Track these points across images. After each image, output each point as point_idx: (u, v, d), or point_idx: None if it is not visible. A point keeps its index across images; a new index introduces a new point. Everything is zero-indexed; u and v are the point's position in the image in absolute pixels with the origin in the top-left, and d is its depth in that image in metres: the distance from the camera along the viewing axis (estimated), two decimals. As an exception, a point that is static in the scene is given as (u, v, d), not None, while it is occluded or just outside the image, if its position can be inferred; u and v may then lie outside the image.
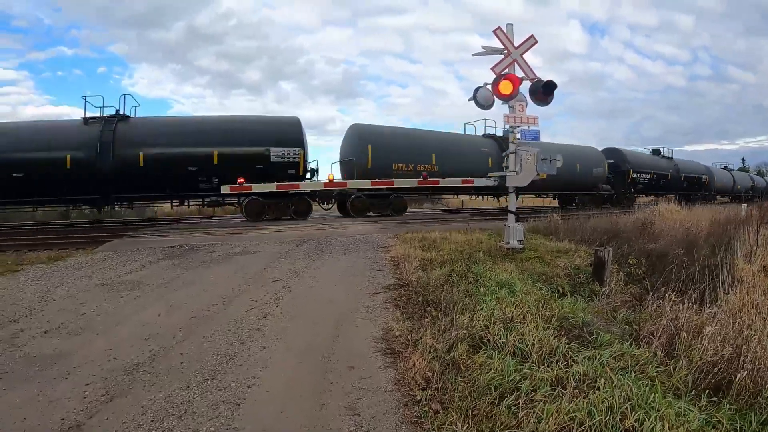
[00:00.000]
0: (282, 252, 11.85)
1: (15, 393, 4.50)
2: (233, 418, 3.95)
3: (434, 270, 8.85)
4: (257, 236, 15.15)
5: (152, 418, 3.97)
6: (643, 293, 7.02)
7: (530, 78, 10.91)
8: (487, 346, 5.12)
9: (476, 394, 4.06)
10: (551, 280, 8.46)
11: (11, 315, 7.01)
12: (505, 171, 11.17)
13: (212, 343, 5.71)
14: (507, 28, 10.89)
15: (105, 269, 10.21)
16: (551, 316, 6.00)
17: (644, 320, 5.87)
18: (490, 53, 11.04)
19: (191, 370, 4.94)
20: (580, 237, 12.97)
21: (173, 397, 4.35)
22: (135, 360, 5.23)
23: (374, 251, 11.78)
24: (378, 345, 5.53)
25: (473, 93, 11.04)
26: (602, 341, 5.26)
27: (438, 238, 12.57)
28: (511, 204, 11.27)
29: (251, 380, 4.69)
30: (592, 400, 3.78)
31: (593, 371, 4.38)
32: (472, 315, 5.94)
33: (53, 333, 6.22)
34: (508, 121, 10.93)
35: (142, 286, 8.58)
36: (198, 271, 9.86)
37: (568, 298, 7.32)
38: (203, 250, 12.31)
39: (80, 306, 7.43)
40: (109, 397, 4.38)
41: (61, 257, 11.99)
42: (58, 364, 5.17)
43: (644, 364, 4.64)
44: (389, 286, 8.23)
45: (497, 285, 7.59)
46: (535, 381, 4.22)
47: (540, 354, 4.83)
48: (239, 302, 7.46)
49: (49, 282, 9.05)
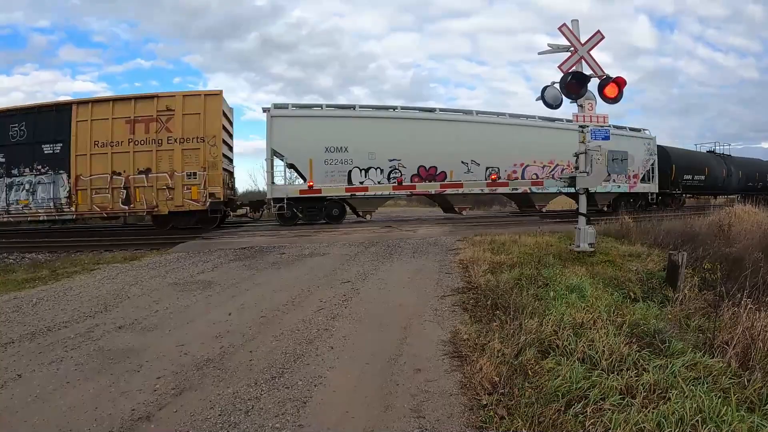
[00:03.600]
0: (351, 254, 11.98)
1: (89, 383, 4.71)
2: (299, 416, 4.01)
3: (503, 273, 8.78)
4: (326, 238, 15.33)
5: (220, 412, 4.08)
6: (718, 300, 6.79)
7: (598, 75, 10.69)
8: (555, 352, 5.07)
9: (543, 401, 4.03)
10: (623, 284, 8.27)
11: (87, 311, 7.35)
12: (575, 172, 10.99)
13: (280, 342, 5.83)
14: (572, 24, 10.69)
15: (178, 269, 10.54)
16: (622, 323, 5.87)
17: (719, 328, 5.67)
18: (557, 51, 10.87)
19: (259, 368, 5.07)
20: (653, 240, 12.63)
21: (241, 393, 4.46)
22: (205, 356, 5.40)
23: (443, 254, 11.78)
24: (445, 348, 5.54)
25: (541, 92, 10.88)
26: (674, 350, 5.11)
27: (507, 241, 12.49)
28: (582, 206, 11.07)
29: (318, 379, 4.76)
30: (662, 411, 3.70)
31: (664, 381, 4.27)
32: (541, 319, 5.88)
33: (127, 328, 6.50)
34: (577, 120, 10.74)
35: (214, 286, 8.82)
36: (268, 273, 10.06)
37: (640, 303, 7.13)
38: (273, 252, 12.56)
39: (153, 304, 7.73)
40: (179, 390, 4.53)
41: (136, 257, 12.47)
42: (130, 357, 5.40)
43: (717, 374, 4.49)
44: (458, 289, 8.22)
45: (567, 289, 7.49)
46: (604, 389, 4.15)
47: (610, 361, 4.73)
48: (308, 303, 7.60)
49: (124, 280, 9.42)
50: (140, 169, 19.88)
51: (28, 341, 5.98)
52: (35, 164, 19.94)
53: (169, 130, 19.96)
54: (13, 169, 20.12)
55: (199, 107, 20.09)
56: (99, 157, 19.83)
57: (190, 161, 20.04)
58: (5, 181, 20.08)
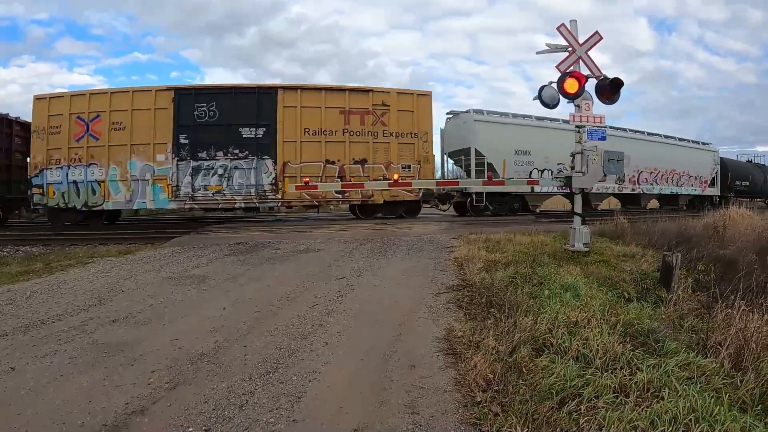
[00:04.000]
0: (346, 251, 11.98)
1: (82, 377, 4.70)
2: (293, 411, 4.02)
3: (498, 271, 8.80)
4: (322, 235, 15.33)
5: (214, 406, 4.08)
6: (712, 301, 6.83)
7: (596, 75, 10.66)
8: (549, 350, 5.09)
9: (537, 398, 4.05)
10: (617, 284, 8.30)
11: (81, 304, 7.33)
12: (571, 172, 11.00)
13: (275, 337, 5.83)
14: (571, 24, 10.69)
15: (172, 263, 10.53)
16: (616, 322, 5.89)
17: (712, 329, 5.71)
18: (554, 51, 10.87)
19: (254, 363, 5.07)
20: (647, 241, 12.67)
21: (235, 387, 4.46)
22: (199, 351, 5.39)
23: (438, 252, 11.77)
24: (439, 345, 5.54)
25: (538, 92, 10.88)
26: (668, 349, 5.15)
27: (502, 240, 12.47)
28: (577, 206, 11.09)
29: (312, 375, 4.76)
30: (656, 410, 3.73)
31: (658, 380, 4.30)
32: (535, 318, 5.90)
33: (121, 322, 6.48)
34: (574, 120, 10.75)
35: (208, 281, 8.81)
36: (263, 268, 10.05)
37: (634, 303, 7.16)
38: (268, 248, 12.55)
39: (148, 297, 7.72)
40: (173, 384, 4.53)
41: (130, 251, 12.46)
42: (124, 351, 5.38)
43: (710, 375, 4.52)
44: (452, 286, 8.22)
45: (562, 288, 7.51)
46: (598, 387, 4.17)
47: (604, 360, 4.76)
48: (303, 299, 7.59)
49: (118, 274, 9.41)
50: (356, 159, 20.88)
51: (21, 334, 5.96)
52: (230, 148, 20.01)
53: (384, 123, 21.14)
54: (200, 152, 20.00)
55: (411, 105, 21.43)
56: (310, 145, 20.48)
57: (404, 154, 21.30)
58: (190, 164, 19.92)
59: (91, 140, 19.60)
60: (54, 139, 19.70)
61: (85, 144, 19.61)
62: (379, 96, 21.07)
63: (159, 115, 19.75)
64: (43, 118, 19.67)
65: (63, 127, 19.61)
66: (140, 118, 19.71)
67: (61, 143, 19.64)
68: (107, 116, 19.59)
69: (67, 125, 19.63)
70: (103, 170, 19.59)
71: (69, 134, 19.58)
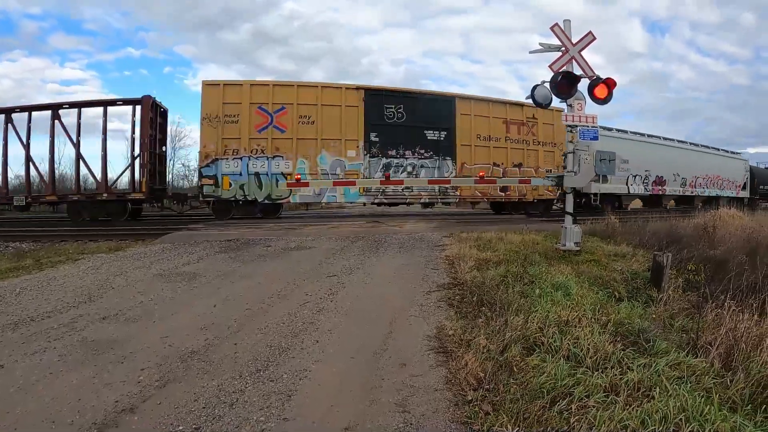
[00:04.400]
0: (337, 248, 11.96)
1: (72, 374, 4.68)
2: (284, 409, 4.02)
3: (489, 270, 8.81)
4: (313, 232, 15.29)
5: (204, 405, 4.08)
6: (702, 301, 6.86)
7: (589, 75, 10.70)
8: (540, 349, 5.10)
9: (528, 397, 4.06)
10: (608, 284, 8.32)
11: (71, 301, 7.28)
12: (563, 171, 11.03)
13: (266, 335, 5.82)
14: (564, 24, 10.71)
15: (163, 260, 10.48)
16: (607, 321, 5.92)
17: (702, 329, 5.73)
18: (548, 50, 10.89)
19: (244, 360, 5.06)
20: (638, 241, 12.70)
21: (225, 385, 4.46)
22: (190, 348, 5.38)
23: (429, 250, 11.77)
24: (431, 343, 5.54)
25: (531, 91, 10.90)
26: (658, 349, 5.16)
27: (493, 238, 12.47)
28: (568, 205, 11.11)
29: (303, 373, 4.76)
30: (646, 409, 3.74)
31: (648, 379, 4.32)
32: (526, 317, 5.92)
33: (111, 319, 6.44)
34: (567, 120, 10.77)
35: (199, 278, 8.78)
36: (254, 265, 10.03)
37: (625, 303, 7.18)
38: (259, 245, 12.51)
39: (138, 294, 7.68)
40: (163, 382, 4.52)
41: (120, 248, 12.39)
42: (114, 349, 5.36)
43: (701, 374, 4.54)
44: (444, 284, 8.22)
45: (553, 287, 7.53)
46: (589, 386, 4.19)
47: (594, 359, 4.78)
48: (294, 296, 7.58)
49: (108, 271, 9.35)
50: (514, 163, 23.68)
51: (10, 331, 5.91)
52: (417, 148, 21.55)
53: (533, 134, 24.32)
54: (390, 150, 21.19)
55: (551, 119, 24.02)
56: (481, 149, 22.88)
57: (547, 160, 24.52)
58: (381, 161, 21.02)
59: (275, 132, 20.00)
60: (230, 129, 19.78)
61: (269, 135, 19.97)
62: (530, 110, 23.60)
63: (348, 112, 20.65)
64: (215, 105, 19.71)
65: (243, 116, 19.77)
66: (329, 113, 20.49)
67: (239, 133, 19.80)
68: (294, 109, 20.09)
69: (247, 115, 19.82)
70: (290, 163, 20.04)
71: (249, 124, 19.82)
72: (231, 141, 19.74)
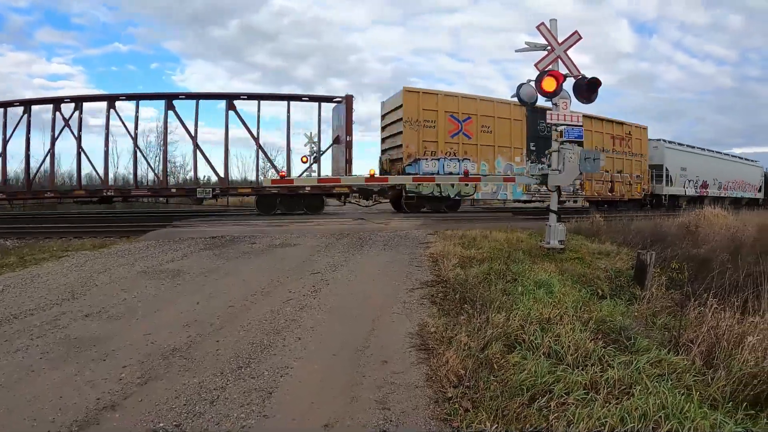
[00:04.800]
0: (322, 245, 11.93)
1: (54, 372, 4.64)
2: (264, 406, 4.01)
3: (473, 267, 8.83)
4: (298, 229, 15.25)
5: (185, 402, 4.06)
6: (685, 299, 6.88)
7: (574, 75, 10.72)
8: (521, 346, 5.09)
9: (508, 395, 4.06)
10: (591, 282, 8.34)
11: (54, 298, 7.21)
12: (548, 169, 11.06)
13: (248, 332, 5.80)
14: (551, 24, 10.74)
15: (147, 257, 10.41)
16: (589, 319, 5.93)
17: (684, 327, 5.74)
18: (533, 49, 10.92)
19: (226, 358, 5.04)
20: (622, 239, 12.76)
21: (207, 382, 4.43)
22: (172, 346, 5.35)
23: (413, 247, 11.78)
24: (413, 340, 5.54)
25: (517, 89, 10.93)
26: (640, 347, 5.17)
27: (478, 236, 12.50)
28: (553, 203, 11.15)
29: (284, 370, 4.74)
30: (626, 407, 3.73)
31: (629, 377, 4.32)
32: (508, 314, 5.91)
33: (94, 317, 6.38)
34: (551, 118, 10.80)
35: (183, 275, 8.73)
36: (238, 262, 9.99)
37: (608, 300, 7.19)
38: (244, 242, 12.46)
39: (121, 292, 7.61)
40: (145, 380, 4.49)
41: (105, 245, 12.27)
42: (97, 346, 5.31)
43: (682, 372, 4.54)
44: (427, 282, 8.23)
45: (535, 285, 7.54)
46: (569, 384, 4.19)
47: (575, 357, 4.78)
48: (277, 293, 7.55)
49: (92, 268, 9.26)
50: (618, 170, 29.68)
51: (-7, 328, 5.86)
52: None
53: (629, 147, 30.35)
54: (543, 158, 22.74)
55: (639, 135, 31.35)
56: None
57: (634, 168, 30.95)
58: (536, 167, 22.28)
59: (464, 138, 23.19)
60: (428, 132, 22.53)
61: (459, 141, 23.10)
62: (627, 128, 30.17)
63: (515, 125, 24.60)
64: (415, 110, 22.34)
65: (438, 122, 22.61)
66: (501, 125, 24.23)
67: (437, 137, 22.64)
68: (477, 119, 23.48)
69: (443, 121, 22.73)
70: (474, 165, 23.21)
71: (444, 129, 22.71)
72: (429, 143, 22.59)
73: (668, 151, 34.58)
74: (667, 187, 33.95)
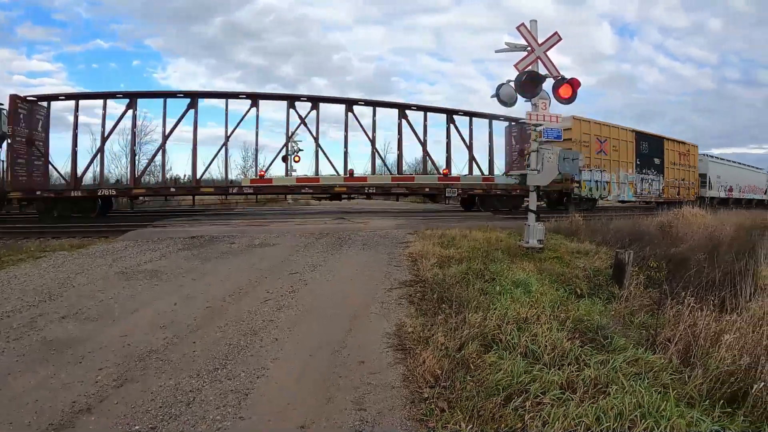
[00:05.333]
0: (301, 245, 11.89)
1: (30, 375, 4.63)
2: (240, 408, 4.01)
3: (451, 267, 8.82)
4: (278, 228, 15.20)
5: (161, 404, 4.05)
6: (663, 298, 6.89)
7: (553, 75, 10.79)
8: (498, 346, 5.08)
9: (484, 395, 4.05)
10: (569, 281, 8.34)
11: (31, 300, 7.16)
12: (527, 169, 11.08)
13: (225, 333, 5.79)
14: (531, 25, 10.78)
15: (125, 258, 10.33)
16: (566, 318, 5.91)
17: (662, 325, 5.76)
18: (514, 50, 10.96)
19: (203, 359, 5.03)
20: (601, 238, 12.80)
21: (183, 384, 4.43)
22: (148, 347, 5.33)
23: (393, 247, 11.77)
24: (390, 341, 5.54)
25: (496, 90, 10.93)
26: (617, 346, 5.17)
27: (457, 236, 12.49)
28: (532, 203, 11.18)
29: (261, 371, 4.75)
30: (602, 406, 3.72)
31: (605, 376, 4.30)
32: (485, 314, 5.90)
33: (71, 318, 6.35)
34: (530, 118, 10.83)
35: (160, 275, 8.68)
36: (216, 262, 9.94)
37: (586, 300, 7.18)
38: (223, 242, 12.40)
39: (98, 293, 7.57)
40: (120, 382, 4.48)
41: (83, 245, 12.13)
42: (73, 348, 5.29)
43: (658, 370, 4.53)
44: (405, 282, 8.23)
45: (513, 284, 7.53)
46: (545, 383, 4.18)
47: (552, 356, 4.77)
48: (255, 294, 7.54)
49: (69, 269, 9.18)
50: (682, 178, 35.49)
51: (-33, 331, 5.78)
52: (651, 168, 32.75)
53: (687, 160, 36.08)
54: (643, 169, 32.28)
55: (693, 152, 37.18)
56: (672, 170, 34.48)
57: (692, 177, 36.71)
58: (639, 176, 31.93)
59: (602, 155, 29.28)
60: (586, 150, 27.42)
61: (600, 157, 29.11)
62: (685, 146, 36.00)
63: (628, 146, 31.16)
64: (578, 133, 27.69)
65: (590, 143, 28.22)
66: (622, 145, 30.73)
67: (590, 153, 28.07)
68: (610, 141, 29.79)
69: (593, 142, 28.48)
70: (608, 175, 29.54)
71: (592, 148, 28.28)
72: (586, 159, 27.12)
73: (711, 164, 40.87)
74: (709, 191, 39.65)
